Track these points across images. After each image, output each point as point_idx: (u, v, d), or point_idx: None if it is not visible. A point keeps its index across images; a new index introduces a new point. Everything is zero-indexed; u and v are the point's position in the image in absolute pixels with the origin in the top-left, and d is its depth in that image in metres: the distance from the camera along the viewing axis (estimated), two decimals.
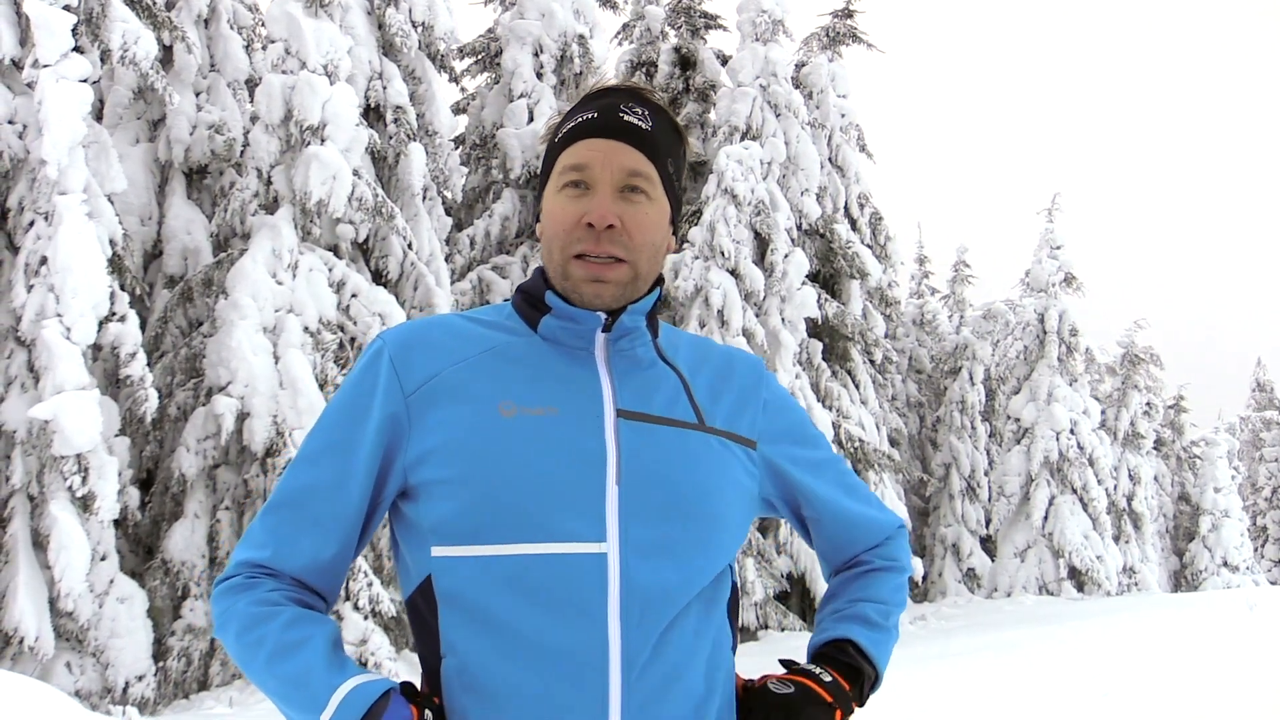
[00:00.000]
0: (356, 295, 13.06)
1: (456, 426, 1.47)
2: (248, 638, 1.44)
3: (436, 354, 1.52)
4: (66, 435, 10.01)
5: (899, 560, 1.73)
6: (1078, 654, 10.85)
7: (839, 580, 1.72)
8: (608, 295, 1.52)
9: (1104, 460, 23.77)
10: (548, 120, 1.61)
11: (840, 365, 20.03)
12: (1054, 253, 24.70)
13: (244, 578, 1.49)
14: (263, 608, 1.45)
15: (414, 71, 15.81)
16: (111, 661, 10.69)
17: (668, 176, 1.57)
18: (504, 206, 18.19)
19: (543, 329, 1.55)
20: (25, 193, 10.97)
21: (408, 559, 1.52)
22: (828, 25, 22.23)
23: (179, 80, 13.77)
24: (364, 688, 1.38)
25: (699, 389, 1.59)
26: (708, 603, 1.51)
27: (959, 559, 24.36)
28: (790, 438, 1.67)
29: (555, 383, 1.51)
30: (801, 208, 18.93)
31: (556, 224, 1.53)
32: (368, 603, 11.53)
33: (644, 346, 1.58)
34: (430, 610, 1.46)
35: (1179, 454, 33.27)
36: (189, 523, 12.18)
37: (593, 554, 1.42)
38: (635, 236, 1.52)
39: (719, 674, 1.52)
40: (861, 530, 1.71)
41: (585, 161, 1.52)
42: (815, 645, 1.63)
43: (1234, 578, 29.58)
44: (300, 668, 1.41)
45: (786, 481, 1.65)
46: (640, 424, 1.51)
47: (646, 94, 1.59)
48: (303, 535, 1.50)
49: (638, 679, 1.41)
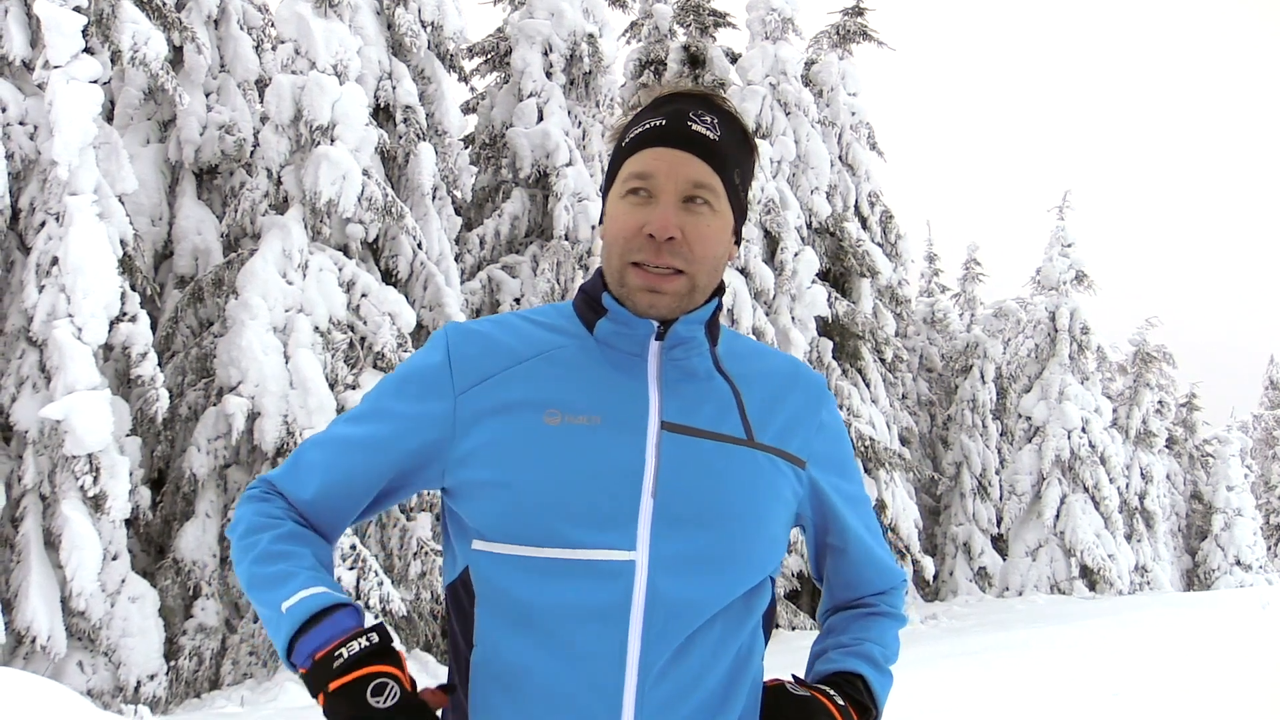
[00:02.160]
0: (366, 295, 13.07)
1: (502, 431, 1.50)
2: (246, 540, 1.54)
3: (493, 355, 1.55)
4: (78, 435, 10.05)
5: (900, 610, 1.77)
6: (1089, 653, 10.81)
7: (843, 617, 1.74)
8: (663, 306, 1.52)
9: (1116, 459, 23.70)
10: (614, 121, 1.60)
11: (851, 364, 19.99)
12: (1065, 250, 24.63)
13: (261, 491, 1.60)
14: (265, 519, 1.55)
15: (423, 71, 15.82)
16: (123, 660, 10.73)
17: (733, 187, 1.56)
18: (514, 206, 18.17)
19: (598, 332, 1.56)
20: (36, 193, 11.02)
21: (455, 548, 1.57)
22: (838, 23, 22.19)
23: (189, 81, 13.80)
24: (327, 594, 1.46)
25: (752, 402, 1.59)
26: (739, 615, 1.53)
27: (970, 558, 24.32)
28: (837, 468, 1.68)
29: (603, 391, 1.53)
30: (811, 206, 18.90)
31: (617, 230, 1.53)
32: (378, 602, 11.56)
33: (700, 356, 1.57)
34: (469, 599, 1.51)
35: (1191, 452, 33.15)
36: (200, 522, 12.22)
37: (620, 561, 1.44)
38: (696, 249, 1.51)
39: (743, 685, 1.53)
40: (876, 573, 1.74)
41: (650, 170, 1.52)
42: (824, 673, 1.64)
43: (1247, 576, 29.47)
44: (279, 570, 1.49)
45: (825, 507, 1.66)
46: (684, 437, 1.51)
47: (718, 101, 1.58)
48: (317, 474, 1.57)
49: (653, 686, 1.44)
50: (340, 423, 1.61)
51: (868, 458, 18.29)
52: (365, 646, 1.41)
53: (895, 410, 22.08)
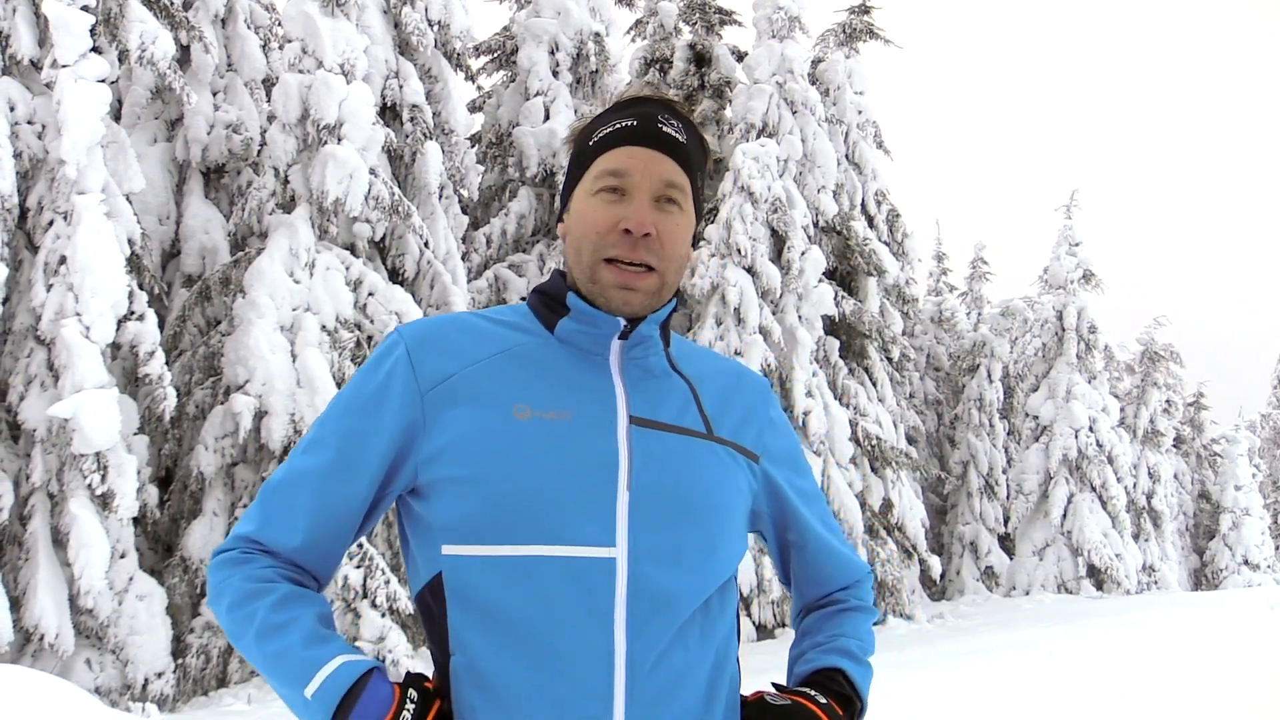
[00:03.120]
0: (373, 294, 13.09)
1: (471, 427, 1.47)
2: (238, 613, 1.46)
3: (453, 353, 1.53)
4: (86, 433, 10.07)
5: (869, 602, 1.77)
6: (1096, 653, 10.79)
7: (816, 617, 1.74)
8: (636, 303, 1.53)
9: (1123, 458, 23.64)
10: (572, 123, 1.62)
11: (857, 363, 19.96)
12: (1073, 249, 24.56)
13: (240, 552, 1.50)
14: (255, 584, 1.46)
15: (430, 70, 15.83)
16: (131, 658, 10.76)
17: (697, 191, 1.60)
18: (520, 205, 18.20)
19: (559, 331, 1.56)
20: (44, 192, 11.05)
21: (417, 556, 1.52)
22: (844, 21, 22.14)
23: (196, 80, 13.83)
24: (349, 666, 1.40)
25: (708, 399, 1.61)
26: (714, 609, 1.53)
27: (977, 557, 24.28)
28: (789, 463, 1.70)
29: (570, 387, 1.52)
30: (818, 205, 18.86)
31: (590, 227, 1.53)
32: (385, 600, 11.56)
33: (656, 355, 1.59)
34: (440, 607, 1.47)
35: (1199, 451, 33.06)
36: (207, 520, 12.25)
37: (602, 558, 1.43)
38: (667, 247, 1.54)
39: (723, 679, 1.53)
40: (838, 567, 1.74)
41: (625, 168, 1.53)
42: (804, 674, 1.64)
43: (1255, 576, 29.38)
44: (286, 645, 1.42)
45: (780, 502, 1.68)
46: (652, 431, 1.52)
47: (679, 107, 1.62)
48: (300, 517, 1.50)
49: (642, 682, 1.43)
50: (301, 454, 1.54)
51: (874, 457, 18.26)
52: (414, 708, 1.40)
53: (902, 409, 22.04)
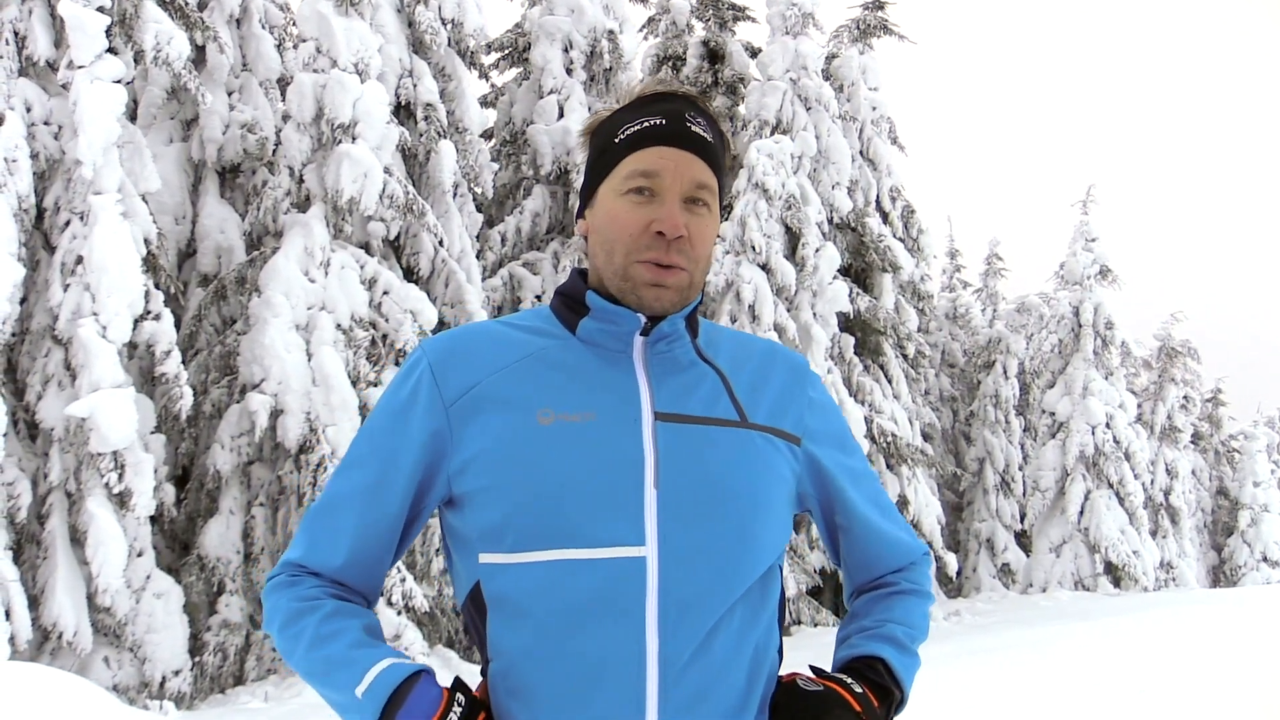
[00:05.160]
0: (388, 292, 13.11)
1: (496, 435, 1.48)
2: (290, 630, 1.50)
3: (476, 363, 1.53)
4: (103, 432, 10.11)
5: (924, 586, 1.72)
6: (1114, 650, 10.73)
7: (865, 600, 1.71)
8: (668, 300, 1.53)
9: (1140, 454, 23.50)
10: (590, 117, 1.61)
11: (873, 359, 19.91)
12: (1089, 245, 24.42)
13: (287, 575, 1.56)
14: (303, 603, 1.51)
15: (444, 68, 15.85)
16: (148, 656, 10.80)
17: (722, 189, 1.60)
18: (534, 203, 18.19)
19: (581, 331, 1.56)
20: (61, 193, 11.10)
21: (459, 566, 1.55)
22: (858, 17, 22.06)
23: (211, 80, 13.87)
24: (397, 666, 1.44)
25: (740, 386, 1.59)
26: (754, 604, 1.51)
27: (993, 554, 24.19)
28: (834, 442, 1.67)
29: (593, 388, 1.52)
30: (833, 201, 18.82)
31: (621, 228, 1.53)
32: (400, 598, 11.59)
33: (683, 348, 1.58)
34: (480, 616, 1.49)
35: (1217, 448, 32.87)
36: (224, 519, 12.29)
37: (632, 558, 1.43)
38: (698, 247, 1.53)
39: (761, 678, 1.51)
40: (890, 549, 1.71)
41: (656, 169, 1.52)
42: (844, 659, 1.61)
43: (1274, 573, 29.20)
44: (334, 650, 1.46)
45: (826, 483, 1.65)
46: (679, 425, 1.51)
47: (703, 104, 1.60)
48: (342, 538, 1.54)
49: (675, 683, 1.42)
50: (337, 478, 1.58)
51: (890, 454, 18.21)
52: (461, 711, 1.42)
53: (918, 406, 21.98)
